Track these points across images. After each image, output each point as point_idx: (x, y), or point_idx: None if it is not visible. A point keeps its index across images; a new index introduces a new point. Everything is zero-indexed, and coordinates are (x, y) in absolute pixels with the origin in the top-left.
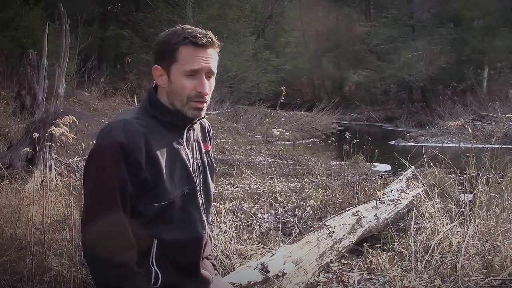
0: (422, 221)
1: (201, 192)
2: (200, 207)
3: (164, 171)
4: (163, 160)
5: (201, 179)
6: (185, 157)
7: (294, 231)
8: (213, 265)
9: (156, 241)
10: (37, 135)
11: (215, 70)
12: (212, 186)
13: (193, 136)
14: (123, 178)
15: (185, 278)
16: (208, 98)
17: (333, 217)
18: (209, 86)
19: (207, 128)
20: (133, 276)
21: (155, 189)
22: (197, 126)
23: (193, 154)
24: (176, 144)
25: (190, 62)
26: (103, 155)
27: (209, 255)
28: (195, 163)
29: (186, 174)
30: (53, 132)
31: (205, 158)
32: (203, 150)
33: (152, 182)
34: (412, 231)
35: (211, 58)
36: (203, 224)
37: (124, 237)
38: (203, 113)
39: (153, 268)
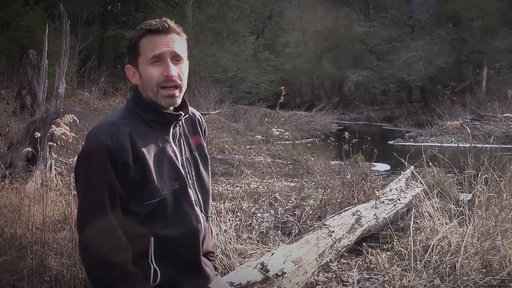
0: (421, 221)
1: (194, 186)
2: (193, 201)
3: (153, 169)
4: (150, 158)
5: (193, 174)
6: (172, 153)
7: (293, 231)
8: (214, 266)
9: (153, 238)
10: (38, 134)
11: (182, 55)
12: (207, 178)
13: (180, 132)
14: (111, 180)
15: (185, 274)
16: (181, 83)
17: (332, 217)
18: (179, 70)
19: (198, 120)
20: (128, 276)
21: (145, 187)
22: (185, 120)
23: (181, 149)
24: (162, 142)
25: (152, 49)
26: (90, 158)
27: (210, 254)
28: (184, 159)
29: (175, 170)
30: (54, 132)
31: (195, 152)
32: (193, 143)
33: (141, 181)
34: (411, 231)
35: (174, 42)
36: (197, 217)
37: (116, 238)
38: (178, 100)
39: (152, 265)
